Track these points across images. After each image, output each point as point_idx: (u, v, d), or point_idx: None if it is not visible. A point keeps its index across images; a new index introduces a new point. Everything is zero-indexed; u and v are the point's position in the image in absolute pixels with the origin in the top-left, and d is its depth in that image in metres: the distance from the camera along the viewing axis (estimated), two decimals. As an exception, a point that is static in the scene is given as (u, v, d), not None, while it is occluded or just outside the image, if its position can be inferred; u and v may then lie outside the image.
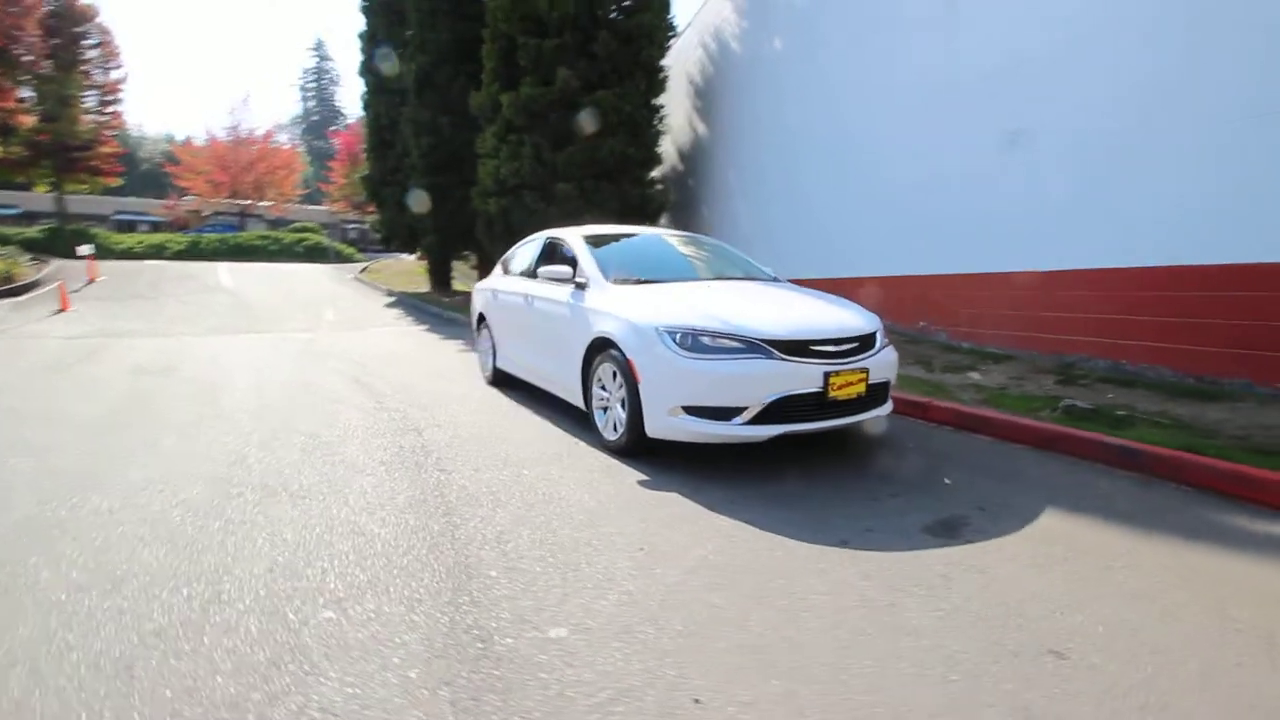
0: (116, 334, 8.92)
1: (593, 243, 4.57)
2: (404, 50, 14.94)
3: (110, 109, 26.62)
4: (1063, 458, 3.69)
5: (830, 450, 3.80)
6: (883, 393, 3.64)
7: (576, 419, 4.54)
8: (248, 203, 34.22)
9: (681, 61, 13.18)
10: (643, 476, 3.36)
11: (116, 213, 37.23)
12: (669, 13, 12.11)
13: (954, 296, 6.71)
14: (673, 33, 12.35)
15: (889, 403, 3.76)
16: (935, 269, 6.95)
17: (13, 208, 32.91)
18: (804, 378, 3.25)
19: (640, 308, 3.67)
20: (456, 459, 3.67)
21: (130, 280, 16.19)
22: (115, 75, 26.43)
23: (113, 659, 1.78)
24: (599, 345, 3.87)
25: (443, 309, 13.17)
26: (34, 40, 22.34)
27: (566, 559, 2.43)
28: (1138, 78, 5.05)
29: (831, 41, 8.68)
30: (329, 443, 3.98)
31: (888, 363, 3.64)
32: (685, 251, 4.96)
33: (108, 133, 26.45)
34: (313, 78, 66.68)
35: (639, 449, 3.62)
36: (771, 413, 3.23)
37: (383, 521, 2.78)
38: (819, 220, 8.98)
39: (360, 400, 5.23)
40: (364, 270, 20.96)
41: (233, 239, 26.88)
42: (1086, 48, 5.41)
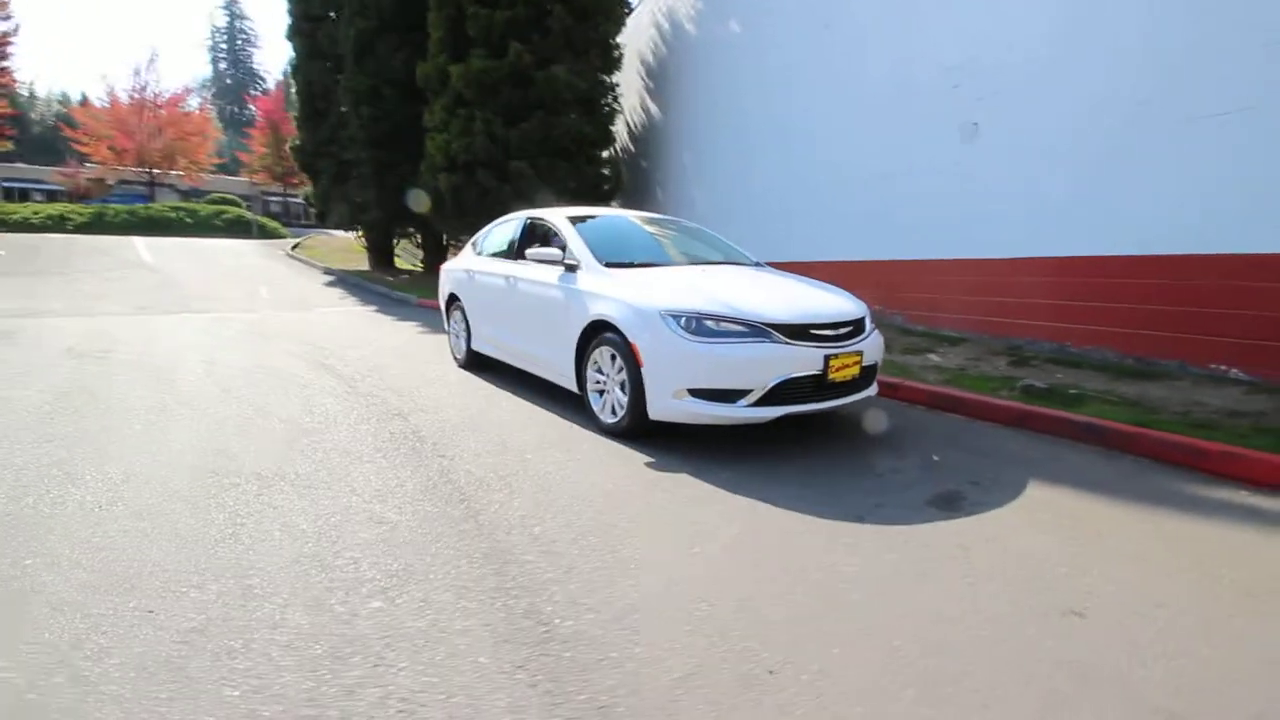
0: (34, 314, 8.17)
1: (578, 224, 4.52)
2: (340, 14, 14.14)
3: (-3, 64, 24.06)
4: (1031, 434, 3.97)
5: (819, 430, 3.95)
6: (871, 375, 3.81)
7: (564, 402, 4.53)
8: (157, 171, 31.70)
9: (634, 40, 13.05)
10: (648, 459, 3.40)
11: (5, 180, 33.77)
12: (626, -12, 11.97)
13: (910, 282, 7.02)
14: (628, 9, 12.22)
15: (875, 385, 3.94)
16: (891, 255, 7.24)
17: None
18: (805, 361, 3.36)
19: (639, 291, 3.69)
20: (453, 444, 3.60)
21: (33, 255, 14.80)
22: (3, 28, 23.82)
23: (159, 660, 1.69)
24: (595, 328, 3.86)
25: (389, 289, 12.71)
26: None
27: (599, 541, 2.45)
28: (1086, 78, 5.39)
29: (790, 28, 8.80)
30: (312, 429, 3.82)
31: (877, 346, 3.80)
32: (669, 234, 4.98)
33: (-7, 90, 23.90)
34: (224, 37, 62.04)
35: (639, 432, 3.65)
36: (775, 395, 3.33)
37: (399, 509, 2.72)
38: (775, 205, 9.15)
39: (330, 384, 5.03)
40: (296, 247, 19.89)
41: (143, 211, 24.86)
42: (1038, 48, 5.72)
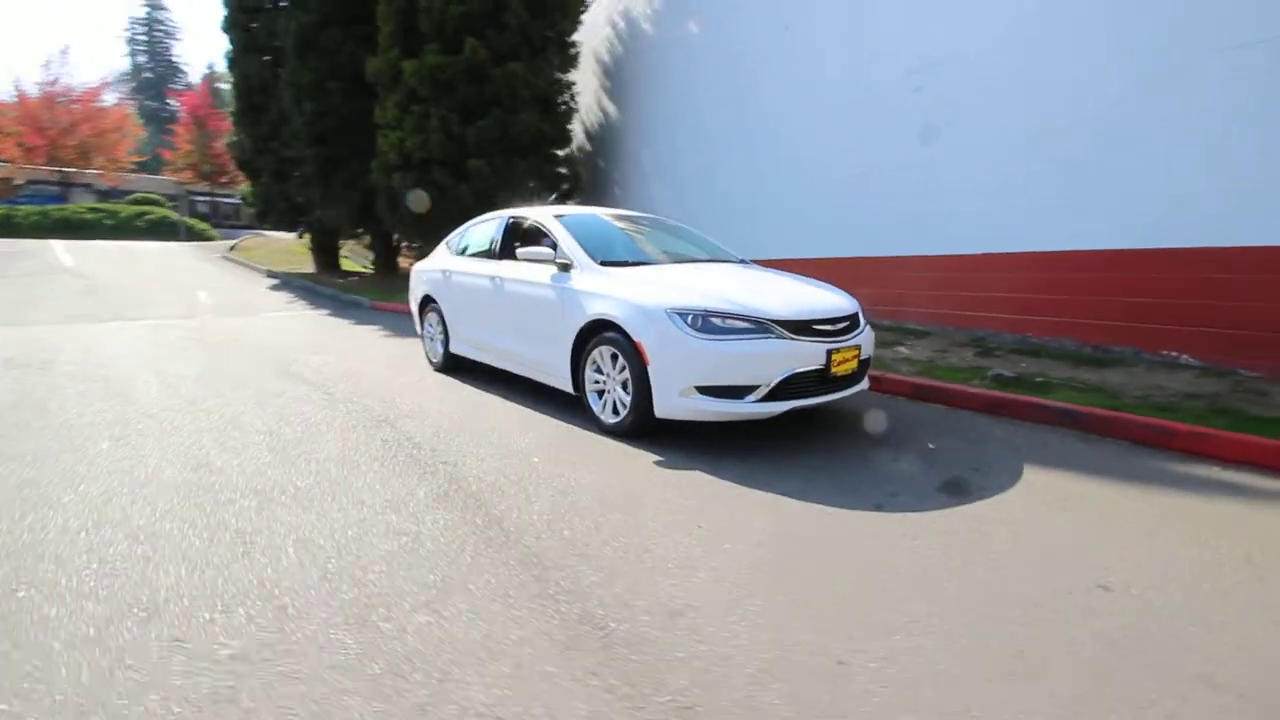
0: (-53, 324, 7.49)
1: (566, 222, 4.47)
2: (279, 5, 13.54)
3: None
4: (1011, 420, 4.16)
5: (814, 423, 4.03)
6: (865, 368, 3.91)
7: (555, 403, 4.46)
8: (72, 170, 29.57)
9: (589, 39, 12.97)
10: (656, 457, 3.39)
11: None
12: (583, -15, 11.91)
13: (876, 277, 7.23)
14: (584, 7, 12.14)
15: (867, 378, 4.04)
16: (856, 252, 7.44)
17: None
18: (809, 356, 3.42)
19: (640, 289, 3.67)
20: (452, 450, 3.50)
21: (-67, 260, 13.57)
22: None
23: (206, 694, 1.58)
24: (594, 328, 3.82)
25: (340, 291, 12.25)
26: None
27: (632, 542, 2.43)
28: (1043, 82, 5.68)
29: (751, 29, 8.93)
30: (296, 440, 3.64)
31: (870, 340, 3.90)
32: (654, 232, 4.98)
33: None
34: (143, 29, 58.34)
35: (642, 430, 3.64)
36: (781, 390, 3.37)
37: (416, 519, 2.62)
38: (740, 204, 9.26)
39: (301, 392, 4.81)
40: (233, 249, 18.91)
41: (56, 212, 23.21)
42: (998, 52, 5.99)
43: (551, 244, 4.31)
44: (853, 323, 3.75)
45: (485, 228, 5.28)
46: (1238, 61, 4.57)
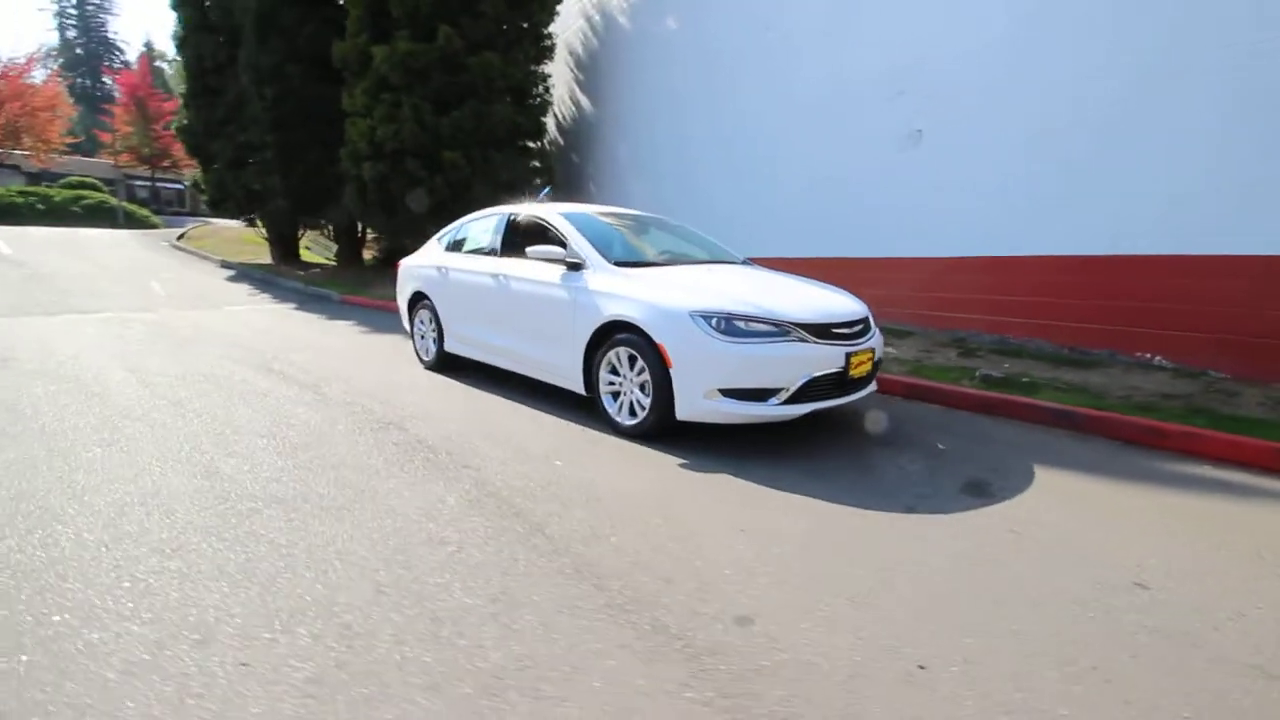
0: (-122, 317, 6.91)
1: (574, 220, 4.41)
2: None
3: None
4: (1007, 420, 4.31)
5: (821, 423, 4.09)
6: (875, 371, 3.99)
7: (560, 403, 4.41)
8: (-3, 150, 27.63)
9: (562, 31, 12.80)
10: (679, 460, 3.39)
11: None
12: (561, -23, 11.74)
13: (858, 279, 7.36)
14: (559, 0, 11.97)
15: (874, 380, 4.13)
16: (839, 253, 7.58)
17: None
18: (829, 359, 3.47)
19: (658, 291, 3.66)
20: (470, 454, 3.42)
21: None
22: None
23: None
24: (610, 329, 3.79)
25: (304, 284, 11.82)
26: None
27: (681, 547, 2.43)
28: (1022, 91, 5.88)
29: (731, 27, 8.97)
30: (302, 444, 3.50)
31: (880, 343, 3.99)
32: (659, 232, 4.97)
33: None
34: (72, 1, 54.76)
35: (660, 432, 3.63)
36: (802, 392, 3.42)
37: (455, 527, 2.55)
38: (717, 202, 9.29)
39: (292, 393, 4.62)
40: (181, 237, 17.99)
41: (-20, 195, 21.64)
42: (979, 60, 6.18)
43: (560, 242, 4.25)
44: (865, 326, 3.82)
45: (483, 224, 5.16)
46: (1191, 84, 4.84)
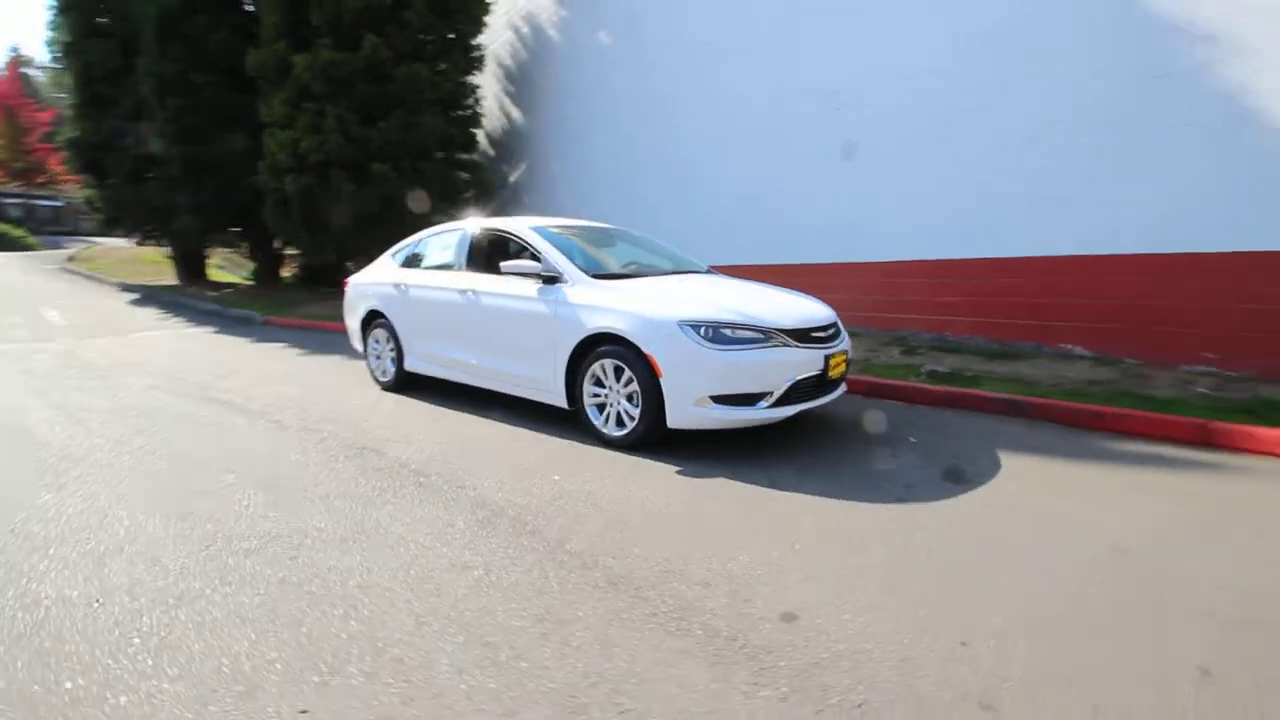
0: None
1: (546, 236, 4.39)
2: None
3: None
4: (963, 412, 4.63)
5: (799, 425, 4.24)
6: (847, 371, 4.19)
7: (535, 417, 4.38)
8: None
9: (490, 42, 12.67)
10: (673, 468, 3.44)
11: None
12: (488, -13, 11.63)
13: (803, 285, 7.68)
14: (487, 9, 11.84)
15: (845, 380, 4.33)
16: (780, 260, 7.87)
17: None
18: (810, 362, 3.63)
19: (642, 303, 3.71)
20: (463, 474, 3.35)
21: None
22: None
23: (375, 760, 1.45)
24: (593, 341, 3.80)
25: (221, 305, 11.10)
26: None
27: (704, 552, 2.47)
28: (949, 102, 6.35)
29: (666, 43, 9.16)
30: (276, 477, 3.32)
31: (849, 344, 4.19)
32: (623, 244, 5.02)
33: None
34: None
35: (649, 441, 3.67)
36: (788, 395, 3.55)
37: (473, 549, 2.50)
38: (660, 214, 9.42)
39: (244, 422, 4.37)
40: (71, 259, 16.41)
41: None
42: (910, 76, 6.62)
43: (534, 256, 4.23)
44: (837, 329, 4.01)
45: (444, 239, 5.04)
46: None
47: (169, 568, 2.33)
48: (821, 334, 3.79)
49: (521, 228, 4.46)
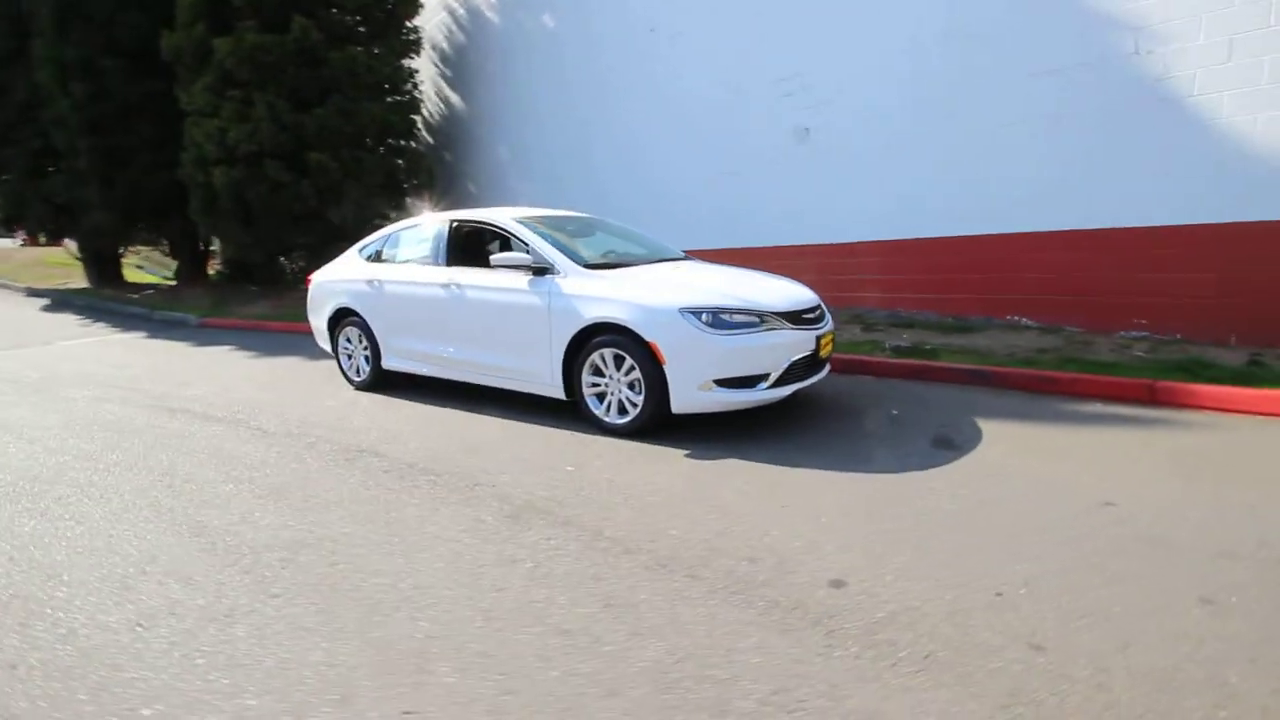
0: None
1: (533, 227, 4.36)
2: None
3: None
4: (932, 383, 4.92)
5: (785, 403, 4.40)
6: (832, 351, 4.38)
7: (521, 409, 4.39)
8: None
9: (423, 24, 12.24)
10: (681, 451, 3.54)
11: None
12: (425, -33, 11.20)
13: (765, 267, 7.91)
14: (423, -9, 11.43)
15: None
16: (739, 244, 8.06)
17: None
18: (803, 343, 3.78)
19: (638, 291, 3.77)
20: (473, 471, 3.34)
21: None
22: None
23: (498, 750, 1.48)
24: (591, 331, 3.84)
25: (147, 309, 10.40)
26: None
27: (738, 529, 2.58)
28: (901, 90, 6.64)
29: (615, 27, 9.12)
30: (281, 486, 3.22)
31: (833, 325, 4.38)
32: (604, 233, 5.04)
33: None
34: None
35: (651, 428, 3.75)
36: (785, 375, 3.70)
37: (515, 544, 2.53)
38: (613, 199, 9.44)
39: (220, 431, 4.19)
40: (-41, 264, 14.90)
41: None
42: (859, 62, 6.87)
43: (522, 248, 4.20)
44: (822, 310, 4.19)
45: (418, 233, 4.92)
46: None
47: (204, 585, 2.25)
48: (810, 315, 3.96)
49: (505, 219, 4.42)
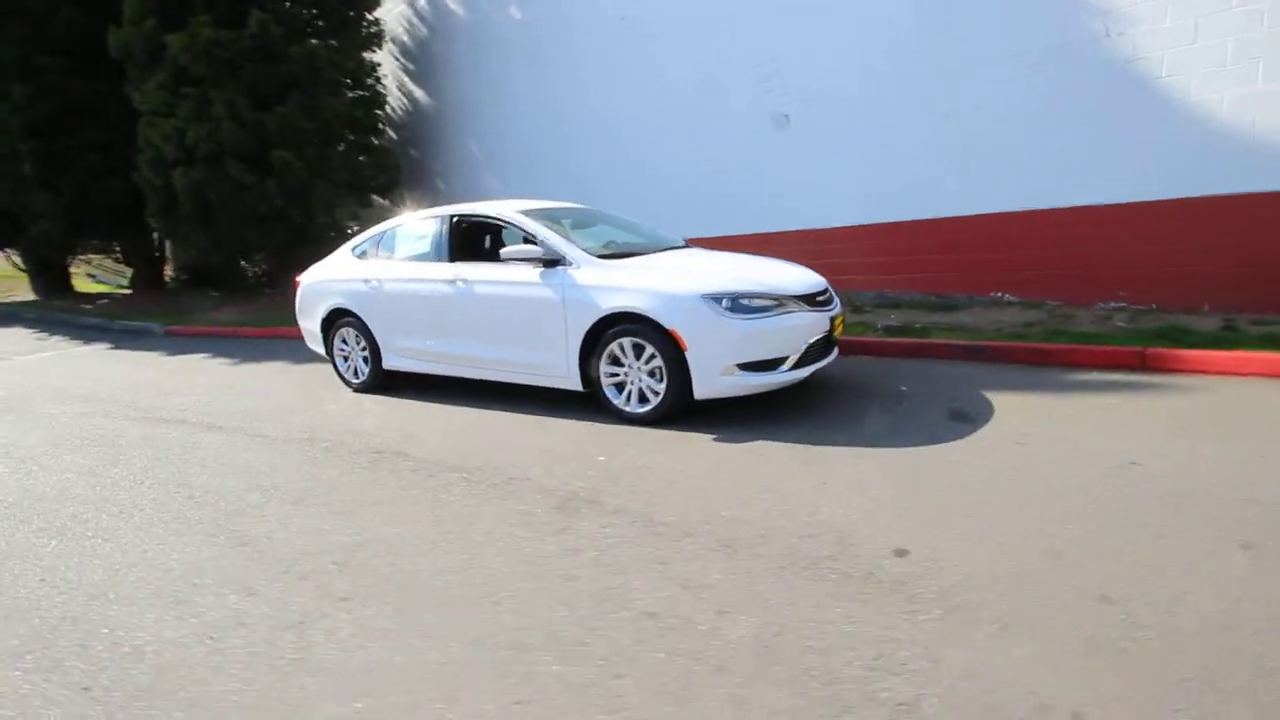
0: None
1: (540, 219, 4.32)
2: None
3: None
4: (931, 360, 5.06)
5: (796, 386, 4.47)
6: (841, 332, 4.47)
7: (530, 401, 4.38)
8: None
9: (383, 17, 11.91)
10: (708, 436, 3.57)
11: None
12: (384, -42, 10.89)
13: (749, 253, 7.99)
14: (383, -18, 11.12)
15: (836, 341, 4.62)
16: (723, 232, 8.13)
17: None
18: (818, 325, 3.86)
19: (655, 279, 3.78)
20: (506, 466, 3.31)
21: None
22: None
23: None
24: (609, 321, 3.83)
25: (105, 319, 9.95)
26: None
27: (788, 507, 2.63)
28: (880, 74, 6.78)
29: (587, 22, 9.04)
30: (308, 492, 3.15)
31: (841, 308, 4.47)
32: (604, 224, 5.02)
33: None
34: None
35: (673, 415, 3.78)
36: (804, 357, 3.77)
37: (572, 534, 2.52)
38: (592, 192, 9.39)
39: (222, 439, 4.07)
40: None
41: None
42: (836, 51, 6.98)
43: (530, 241, 4.16)
44: (830, 293, 4.27)
45: (416, 229, 4.82)
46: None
47: (265, 594, 2.19)
48: (823, 297, 4.03)
49: (510, 213, 4.36)
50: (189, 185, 9.34)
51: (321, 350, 5.38)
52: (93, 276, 12.61)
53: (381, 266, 4.87)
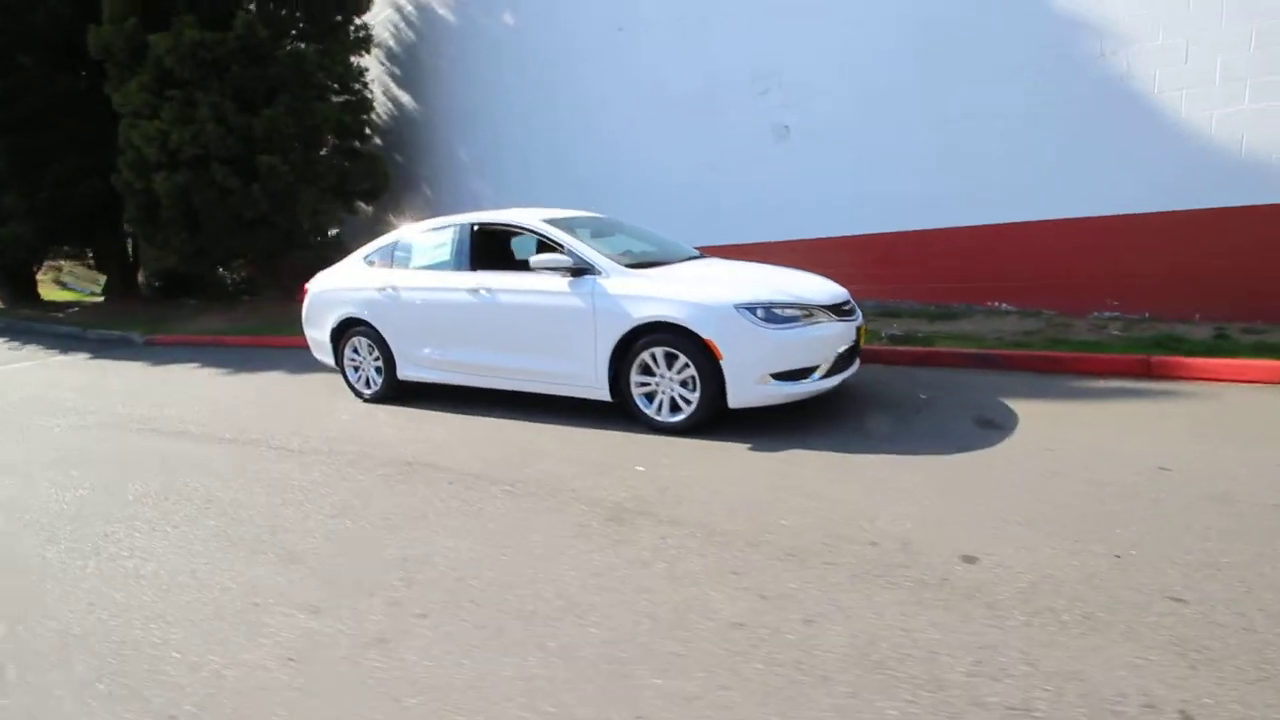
0: None
1: (568, 229, 4.31)
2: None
3: None
4: (943, 368, 5.17)
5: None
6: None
7: (552, 411, 4.37)
8: None
9: (370, 20, 11.77)
10: (744, 446, 3.59)
11: None
12: (373, -39, 10.79)
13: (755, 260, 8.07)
14: (372, -13, 10.99)
15: (857, 350, 4.69)
16: (718, 241, 8.19)
17: None
18: (846, 334, 3.91)
19: (688, 289, 3.79)
20: (546, 478, 3.28)
21: None
22: None
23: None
24: (640, 331, 3.84)
25: (80, 328, 9.60)
26: None
27: (849, 516, 2.65)
28: (874, 90, 6.93)
29: (583, 31, 9.06)
30: (347, 506, 3.09)
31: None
32: (621, 233, 5.03)
33: None
34: None
35: (705, 424, 3.79)
36: (834, 366, 3.82)
37: (634, 545, 2.52)
38: (590, 200, 9.39)
39: (239, 453, 3.99)
40: None
41: None
42: (834, 63, 7.12)
43: (554, 250, 4.15)
44: (853, 304, 4.34)
45: (433, 237, 4.76)
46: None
47: (335, 611, 2.13)
48: (847, 308, 4.10)
49: (534, 222, 4.34)
50: (173, 189, 9.09)
51: (329, 360, 5.27)
52: (63, 284, 12.14)
53: (398, 275, 4.80)
